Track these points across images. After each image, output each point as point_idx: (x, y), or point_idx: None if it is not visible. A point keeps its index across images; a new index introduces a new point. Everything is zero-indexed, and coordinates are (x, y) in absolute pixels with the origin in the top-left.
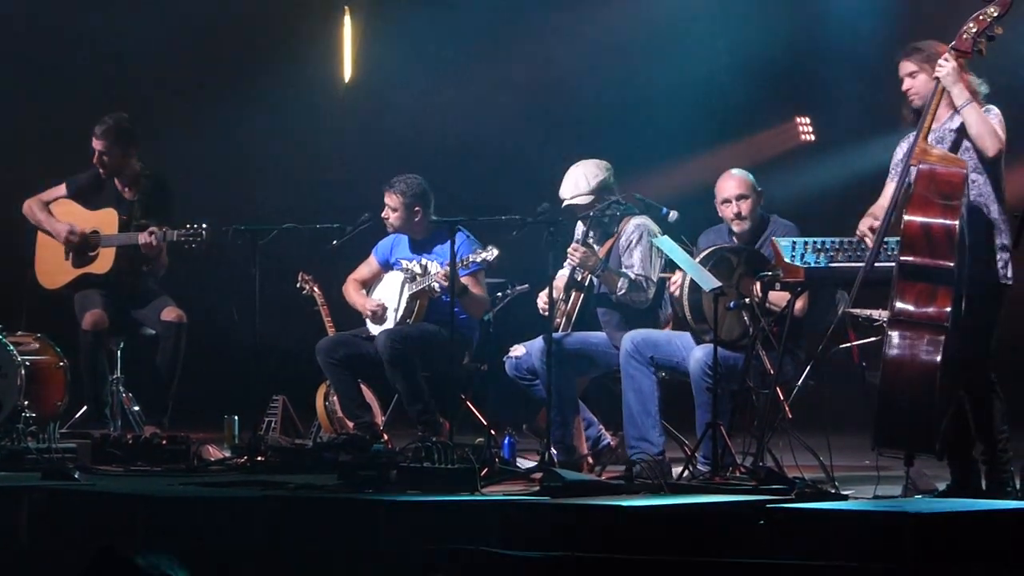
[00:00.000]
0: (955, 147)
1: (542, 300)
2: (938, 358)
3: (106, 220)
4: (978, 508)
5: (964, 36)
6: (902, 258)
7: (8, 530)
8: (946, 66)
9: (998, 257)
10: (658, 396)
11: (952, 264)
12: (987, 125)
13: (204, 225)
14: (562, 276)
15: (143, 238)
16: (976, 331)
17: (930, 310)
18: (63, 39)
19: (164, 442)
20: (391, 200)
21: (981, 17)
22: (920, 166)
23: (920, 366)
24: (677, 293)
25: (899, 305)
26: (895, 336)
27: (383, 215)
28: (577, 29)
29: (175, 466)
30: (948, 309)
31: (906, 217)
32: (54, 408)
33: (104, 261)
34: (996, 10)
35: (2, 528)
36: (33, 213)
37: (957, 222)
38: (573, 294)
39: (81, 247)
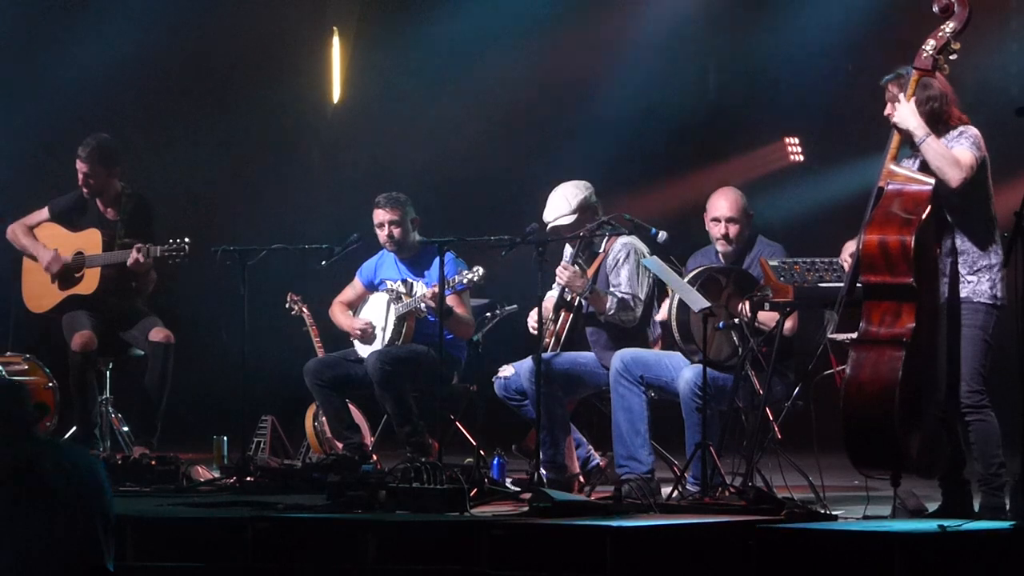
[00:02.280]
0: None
1: (532, 320)
2: (898, 376)
3: (90, 241)
4: (966, 529)
5: (924, 54)
6: (862, 278)
7: None
8: (899, 110)
9: (985, 277)
10: (648, 415)
11: (910, 280)
12: (945, 157)
13: (186, 240)
14: (551, 297)
15: (131, 256)
16: (955, 350)
17: (891, 328)
18: (48, 61)
19: (153, 463)
20: (388, 214)
21: (939, 34)
22: (889, 186)
23: (880, 385)
24: (665, 318)
25: (863, 326)
26: (855, 355)
27: (384, 233)
28: (567, 49)
29: (164, 486)
30: (911, 325)
31: (864, 237)
32: (43, 429)
33: (90, 282)
34: (953, 26)
35: None
36: (17, 238)
37: (913, 237)
38: (562, 314)
39: (64, 273)
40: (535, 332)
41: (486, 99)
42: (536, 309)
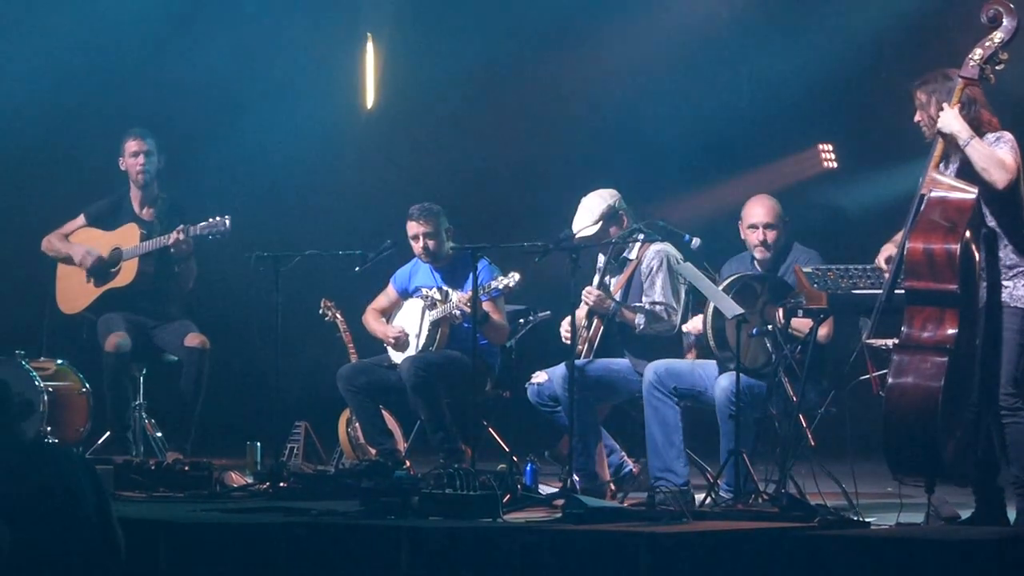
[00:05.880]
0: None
1: (564, 328)
2: (940, 382)
3: (126, 235)
4: (999, 536)
5: (971, 63)
6: (906, 284)
7: None
8: (943, 117)
9: (1021, 282)
10: (681, 427)
11: (955, 287)
12: (992, 158)
13: (227, 216)
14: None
15: (174, 237)
16: (992, 355)
17: (935, 334)
18: (80, 72)
19: (186, 468)
20: (422, 227)
21: (987, 43)
22: (931, 194)
23: (923, 390)
24: (695, 330)
25: (905, 330)
26: (898, 361)
27: (419, 246)
28: (600, 56)
29: (197, 492)
30: (954, 332)
31: (908, 244)
32: (77, 434)
33: (127, 273)
34: (1001, 36)
35: None
36: (51, 245)
37: (959, 245)
38: (595, 320)
39: (100, 267)
40: (567, 341)
41: (519, 105)
42: (568, 317)
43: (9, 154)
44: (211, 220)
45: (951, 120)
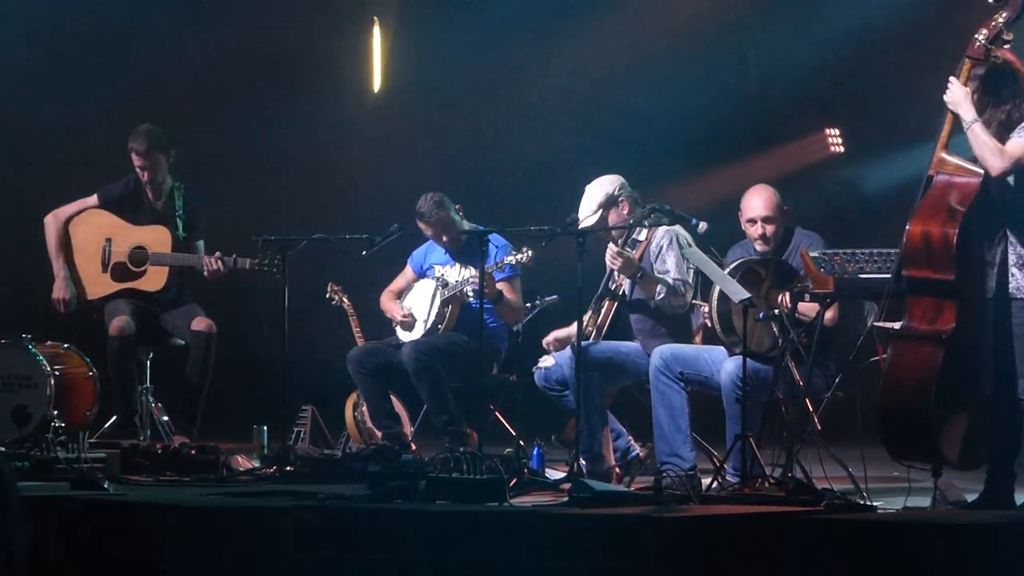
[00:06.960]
0: None
1: (548, 340)
2: (935, 373)
3: (158, 238)
4: (1007, 520)
5: (976, 43)
6: (904, 272)
7: (38, 540)
8: (951, 90)
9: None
10: (688, 411)
11: (951, 277)
12: (988, 145)
13: (278, 257)
14: (569, 331)
15: (210, 264)
16: (1003, 346)
17: (932, 325)
18: (96, 47)
19: (193, 452)
20: (437, 224)
21: (992, 23)
22: (938, 176)
23: (917, 381)
24: (708, 314)
25: (904, 320)
26: (895, 349)
27: (447, 240)
28: (607, 39)
29: (204, 476)
30: (951, 322)
31: (908, 227)
32: (83, 418)
33: (156, 279)
34: (1006, 15)
35: (32, 538)
36: (48, 236)
37: (957, 231)
38: (605, 303)
39: (117, 266)
40: (551, 348)
41: (526, 87)
42: (556, 332)
43: (15, 134)
44: (261, 257)
45: (959, 100)
